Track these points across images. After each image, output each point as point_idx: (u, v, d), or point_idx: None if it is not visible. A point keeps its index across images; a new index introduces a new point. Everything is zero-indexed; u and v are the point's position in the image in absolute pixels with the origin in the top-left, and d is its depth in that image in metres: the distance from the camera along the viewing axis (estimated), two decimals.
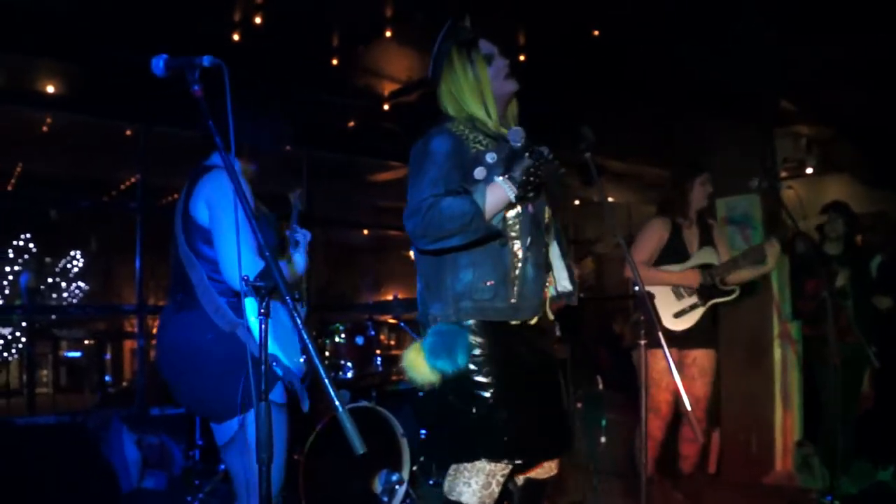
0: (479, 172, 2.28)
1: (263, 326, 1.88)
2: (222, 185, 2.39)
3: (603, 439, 4.91)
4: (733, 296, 4.01)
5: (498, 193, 2.27)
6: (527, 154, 2.24)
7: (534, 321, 2.50)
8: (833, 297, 4.25)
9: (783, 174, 6.65)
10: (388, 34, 5.00)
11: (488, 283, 2.36)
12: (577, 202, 9.30)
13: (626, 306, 4.13)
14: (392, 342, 6.06)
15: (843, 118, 5.93)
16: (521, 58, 4.87)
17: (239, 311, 2.36)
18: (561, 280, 2.65)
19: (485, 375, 2.36)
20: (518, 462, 2.42)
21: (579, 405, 5.17)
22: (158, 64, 2.01)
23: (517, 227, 2.40)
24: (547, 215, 2.57)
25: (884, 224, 5.93)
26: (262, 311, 1.87)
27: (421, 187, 2.34)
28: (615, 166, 7.69)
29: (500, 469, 2.39)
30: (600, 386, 5.29)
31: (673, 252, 3.98)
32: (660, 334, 2.41)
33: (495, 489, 2.40)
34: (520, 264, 2.40)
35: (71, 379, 10.40)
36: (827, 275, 4.43)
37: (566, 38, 4.83)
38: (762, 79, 4.74)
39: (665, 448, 4.29)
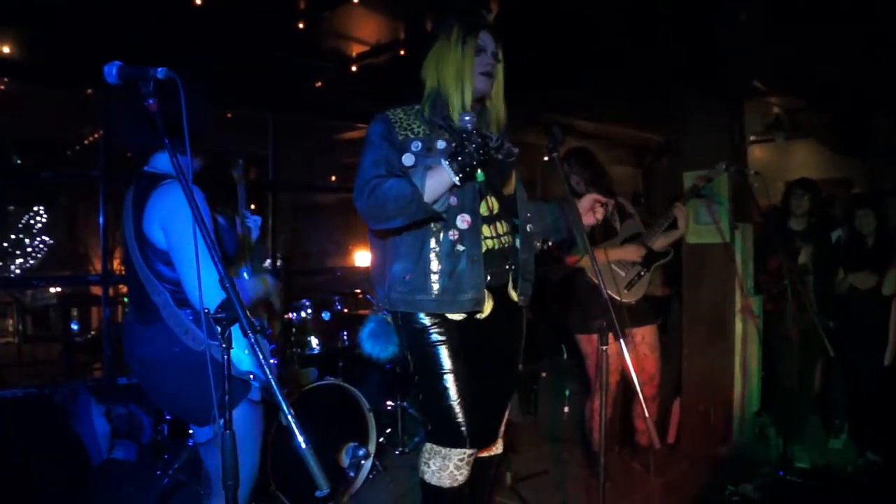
0: (407, 158, 2.39)
1: (225, 357, 1.88)
2: (177, 203, 2.27)
3: (566, 409, 5.01)
4: (670, 256, 4.21)
5: (439, 176, 2.35)
6: (469, 138, 2.29)
7: (484, 312, 2.58)
8: (794, 273, 4.34)
9: (751, 138, 6.68)
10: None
11: (406, 277, 2.51)
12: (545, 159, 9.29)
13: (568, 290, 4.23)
14: (358, 312, 6.06)
15: (811, 88, 5.95)
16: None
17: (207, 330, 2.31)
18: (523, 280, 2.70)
19: (432, 365, 2.53)
20: (470, 451, 2.56)
21: (544, 375, 5.27)
22: (111, 72, 1.92)
23: (441, 222, 2.47)
24: (488, 205, 2.59)
25: (846, 192, 5.99)
26: (223, 343, 1.86)
27: (363, 168, 2.48)
28: (585, 126, 7.66)
29: (457, 454, 2.55)
30: (565, 355, 5.39)
31: (603, 231, 4.09)
32: (613, 319, 2.39)
33: (453, 471, 2.56)
34: (442, 257, 2.48)
35: (37, 329, 10.28)
36: (789, 251, 4.52)
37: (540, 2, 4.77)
38: (733, 53, 4.72)
39: (622, 421, 4.45)
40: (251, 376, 2.41)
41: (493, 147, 2.43)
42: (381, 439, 4.46)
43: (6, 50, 5.15)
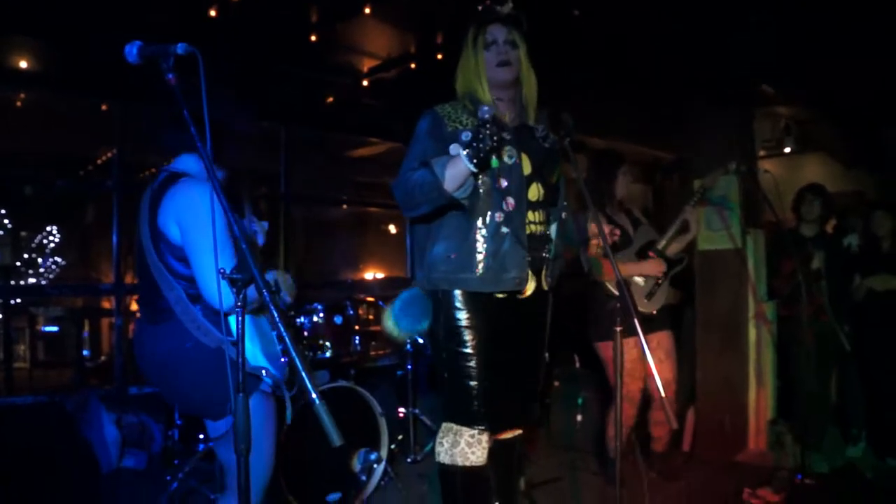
0: (454, 149, 2.46)
1: (240, 318, 1.88)
2: (193, 199, 2.28)
3: (579, 417, 4.96)
4: (685, 263, 4.19)
5: (456, 164, 2.42)
6: (483, 128, 2.34)
7: (526, 293, 2.70)
8: (808, 278, 4.32)
9: (761, 153, 6.69)
10: (366, 11, 4.95)
11: (452, 256, 2.62)
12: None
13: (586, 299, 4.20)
14: (371, 317, 6.06)
15: (822, 99, 5.96)
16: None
17: (220, 326, 2.30)
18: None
19: (460, 344, 2.64)
20: (481, 427, 2.65)
21: (556, 384, 5.22)
22: (132, 51, 1.96)
23: (485, 202, 2.59)
24: (537, 192, 2.70)
25: (859, 204, 5.96)
26: (239, 303, 1.86)
27: (405, 162, 2.64)
28: (595, 143, 7.68)
29: (468, 431, 2.65)
30: (577, 364, 5.34)
31: (619, 241, 4.04)
32: (636, 321, 2.44)
33: (465, 448, 2.65)
34: (487, 238, 2.59)
35: (49, 354, 10.30)
36: (802, 256, 4.50)
37: (551, 15, 4.81)
38: (743, 61, 4.74)
39: (638, 429, 4.39)
40: (263, 372, 2.40)
41: (539, 136, 2.67)
42: (392, 446, 4.42)
43: (23, 64, 5.25)
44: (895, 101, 5.80)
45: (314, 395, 1.73)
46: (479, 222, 2.60)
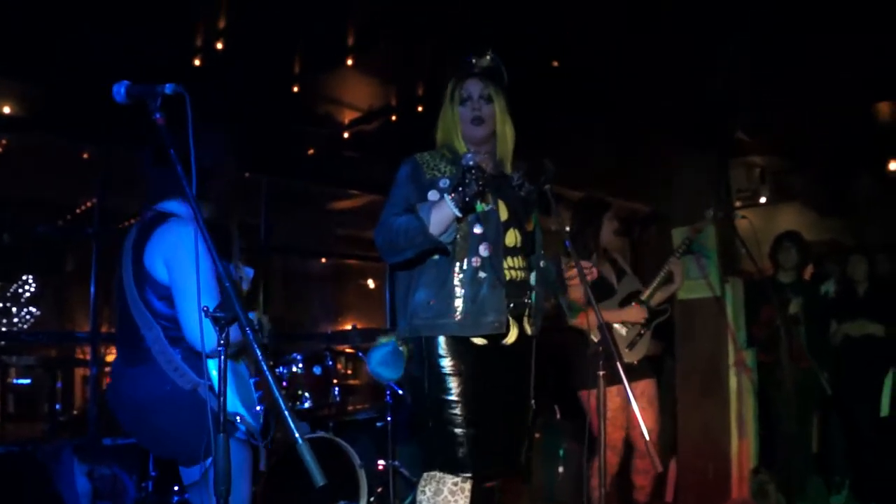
0: (433, 195, 2.52)
1: (223, 357, 1.86)
2: (181, 238, 2.28)
3: (561, 469, 4.90)
4: (668, 314, 4.21)
5: (441, 208, 2.44)
6: (467, 173, 2.35)
7: (510, 339, 2.69)
8: (786, 323, 4.35)
9: (737, 203, 6.78)
10: (349, 62, 5.02)
11: (431, 303, 2.63)
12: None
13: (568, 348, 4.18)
14: (349, 371, 6.00)
15: (796, 148, 6.09)
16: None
17: (198, 369, 2.29)
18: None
19: (445, 392, 2.61)
20: (467, 475, 2.60)
21: (537, 435, 5.17)
22: (120, 91, 1.99)
23: (462, 247, 2.61)
24: (514, 238, 2.72)
25: (835, 252, 6.04)
26: (222, 341, 1.85)
27: (386, 208, 2.67)
28: (572, 195, 7.75)
29: (451, 479, 2.60)
30: (558, 415, 5.31)
31: (600, 289, 4.00)
32: (619, 368, 2.46)
33: (448, 497, 2.60)
34: (465, 283, 2.60)
35: (19, 407, 10.07)
36: (780, 302, 4.53)
37: (527, 66, 4.90)
38: (718, 110, 4.85)
39: (619, 479, 4.34)
40: (238, 418, 2.37)
41: (515, 185, 2.72)
42: (371, 498, 4.34)
43: (6, 110, 5.25)
44: (865, 146, 5.94)
45: (297, 435, 1.70)
46: (457, 268, 2.61)
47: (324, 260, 9.23)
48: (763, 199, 7.04)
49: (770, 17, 4.37)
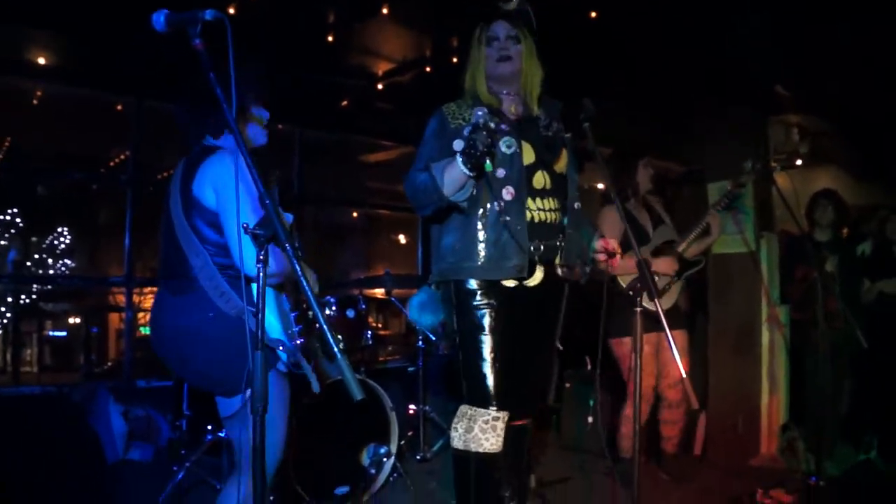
0: (457, 144, 2.45)
1: (261, 274, 1.87)
2: (229, 167, 2.30)
3: (590, 419, 4.92)
4: (701, 264, 4.19)
5: (452, 168, 2.47)
6: (476, 132, 2.35)
7: (533, 282, 2.72)
8: (822, 282, 4.28)
9: (773, 165, 6.65)
10: (384, 11, 4.97)
11: (456, 247, 2.69)
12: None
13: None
14: (380, 324, 6.04)
15: (836, 109, 5.96)
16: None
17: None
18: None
19: (474, 323, 2.68)
20: (495, 408, 2.66)
21: (568, 385, 5.19)
22: (159, 19, 1.99)
23: (485, 192, 2.64)
24: (542, 179, 2.72)
25: (873, 216, 5.93)
26: (261, 257, 1.86)
27: (414, 162, 2.73)
28: (603, 154, 7.67)
29: (481, 415, 2.67)
30: (588, 366, 5.31)
31: (635, 237, 3.99)
32: (658, 308, 2.45)
33: (479, 434, 2.67)
34: (487, 228, 2.64)
35: (56, 358, 10.31)
36: (816, 260, 4.47)
37: (562, 21, 4.83)
38: (758, 66, 4.75)
39: (647, 430, 4.35)
40: (280, 346, 2.39)
41: (542, 126, 2.74)
42: (402, 442, 4.39)
43: (41, 60, 5.29)
44: None
45: (336, 350, 1.72)
46: (480, 213, 2.65)
47: (355, 215, 9.29)
48: (799, 162, 6.91)
49: None
